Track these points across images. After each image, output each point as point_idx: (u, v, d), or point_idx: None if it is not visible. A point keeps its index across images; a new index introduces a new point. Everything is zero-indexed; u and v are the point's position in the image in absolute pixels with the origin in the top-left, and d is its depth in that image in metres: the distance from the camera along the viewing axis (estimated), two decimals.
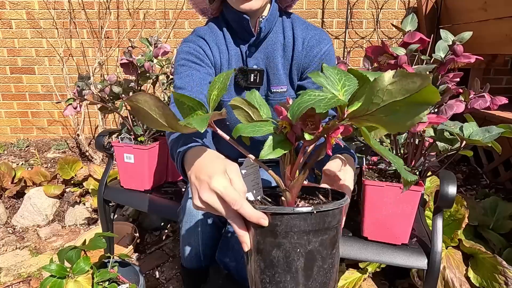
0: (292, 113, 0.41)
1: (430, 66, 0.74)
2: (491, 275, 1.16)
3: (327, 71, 0.46)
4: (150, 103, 0.47)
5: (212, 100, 0.57)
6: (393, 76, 0.35)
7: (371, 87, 0.37)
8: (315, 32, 1.00)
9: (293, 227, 0.50)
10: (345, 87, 0.44)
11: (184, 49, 0.99)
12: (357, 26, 2.66)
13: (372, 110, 0.39)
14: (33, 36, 2.72)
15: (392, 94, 0.36)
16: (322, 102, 0.40)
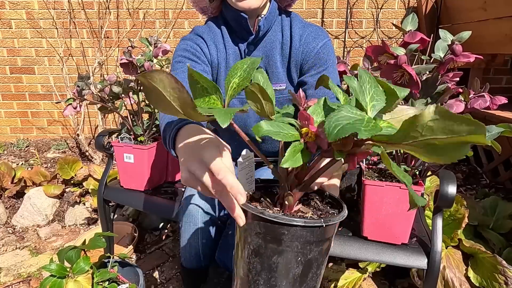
0: (329, 132, 0.38)
1: (430, 66, 0.74)
2: (491, 274, 1.16)
3: (362, 74, 0.45)
4: (166, 83, 0.42)
5: (232, 88, 0.53)
6: (434, 113, 0.33)
7: (410, 121, 0.36)
8: (312, 29, 1.01)
9: (299, 238, 0.50)
10: (373, 101, 0.43)
11: (181, 46, 1.00)
12: (357, 25, 2.66)
13: (407, 142, 0.37)
14: (33, 36, 2.72)
15: (433, 131, 0.34)
16: (362, 126, 0.37)
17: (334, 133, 0.37)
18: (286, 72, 1.03)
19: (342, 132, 0.37)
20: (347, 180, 1.17)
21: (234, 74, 0.54)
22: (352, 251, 0.94)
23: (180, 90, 0.42)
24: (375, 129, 0.36)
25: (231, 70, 0.54)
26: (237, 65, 0.55)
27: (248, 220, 0.52)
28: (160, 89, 0.43)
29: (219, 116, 0.42)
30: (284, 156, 0.46)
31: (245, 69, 0.54)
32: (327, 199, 0.62)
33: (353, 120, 0.38)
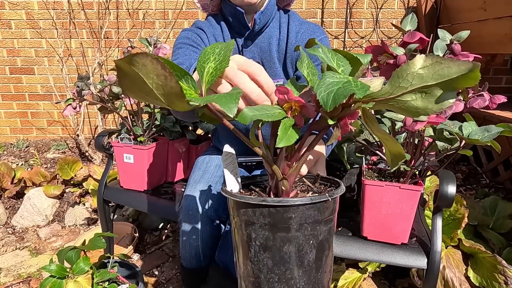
0: (324, 101, 0.37)
1: None
2: (491, 274, 1.16)
3: (320, 46, 0.45)
4: (149, 69, 0.35)
5: (208, 74, 0.48)
6: (425, 59, 0.34)
7: (400, 70, 0.36)
8: (308, 26, 1.04)
9: (307, 218, 0.48)
10: (340, 67, 0.43)
11: (182, 35, 1.03)
12: (356, 26, 2.66)
13: (396, 94, 0.37)
14: (33, 37, 2.72)
15: (423, 79, 0.34)
16: (353, 86, 0.37)
17: (330, 101, 0.36)
18: (282, 68, 1.05)
19: (338, 97, 0.36)
20: (347, 180, 1.17)
21: (207, 59, 0.49)
22: (352, 251, 0.94)
23: (166, 77, 0.36)
24: (365, 86, 0.37)
25: (201, 56, 0.49)
26: (207, 50, 0.50)
27: (249, 213, 0.49)
28: (141, 75, 0.36)
29: (223, 102, 0.38)
30: (278, 136, 0.44)
31: (218, 52, 0.49)
32: (318, 179, 0.61)
33: (342, 84, 0.38)
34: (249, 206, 0.49)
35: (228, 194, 0.52)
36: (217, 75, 0.47)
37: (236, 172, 0.58)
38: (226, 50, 0.49)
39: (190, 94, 0.44)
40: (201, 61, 0.49)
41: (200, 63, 0.49)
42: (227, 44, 0.50)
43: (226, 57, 0.48)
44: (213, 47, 0.50)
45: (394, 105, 0.39)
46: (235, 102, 0.38)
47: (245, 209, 0.50)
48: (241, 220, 0.51)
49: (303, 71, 0.50)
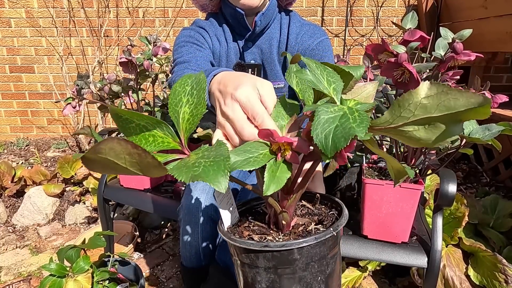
0: (324, 146, 0.33)
1: (431, 64, 0.74)
2: (491, 273, 1.16)
3: (308, 63, 0.42)
4: (118, 150, 0.32)
5: (184, 121, 0.43)
6: (430, 88, 0.31)
7: (402, 99, 0.33)
8: (309, 27, 1.02)
9: (313, 257, 0.45)
10: (331, 84, 0.40)
11: (184, 33, 1.01)
12: (357, 24, 2.66)
13: (397, 124, 0.34)
14: (33, 35, 2.72)
15: (427, 109, 0.31)
16: (352, 122, 0.33)
17: (330, 145, 0.33)
18: (282, 69, 1.04)
19: (338, 140, 0.33)
20: (347, 179, 1.17)
21: (178, 101, 0.44)
22: (352, 250, 0.94)
23: (140, 154, 0.33)
24: (364, 118, 0.34)
25: (170, 96, 0.45)
26: (176, 88, 0.45)
27: (252, 257, 0.46)
28: (111, 158, 0.33)
29: (212, 178, 0.33)
30: (264, 181, 0.40)
31: (190, 92, 0.44)
32: (318, 200, 0.58)
33: (338, 121, 0.34)
34: (251, 251, 0.46)
35: (227, 237, 0.48)
36: (195, 122, 0.43)
37: (232, 203, 0.55)
38: (199, 89, 0.44)
39: (168, 143, 0.42)
40: (173, 103, 0.44)
41: (172, 106, 0.44)
42: (198, 79, 0.45)
43: (201, 99, 0.43)
44: (182, 83, 0.46)
45: (393, 134, 0.37)
46: (224, 174, 0.33)
47: (246, 254, 0.47)
48: (243, 263, 0.48)
49: (292, 82, 0.47)
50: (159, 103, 1.33)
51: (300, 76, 0.41)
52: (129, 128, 0.41)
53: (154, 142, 0.42)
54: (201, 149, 0.40)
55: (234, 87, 0.48)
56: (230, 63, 1.03)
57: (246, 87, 0.47)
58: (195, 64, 0.91)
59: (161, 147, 0.42)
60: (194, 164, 0.35)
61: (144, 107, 1.31)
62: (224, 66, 1.03)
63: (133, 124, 0.41)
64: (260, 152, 0.42)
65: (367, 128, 0.33)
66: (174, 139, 0.43)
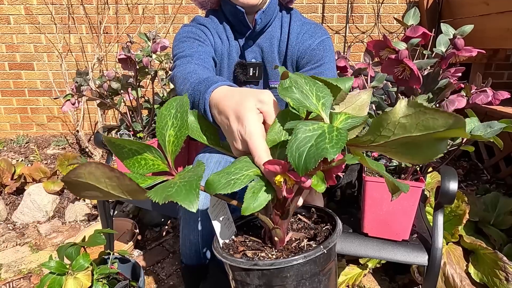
0: (296, 165, 0.34)
1: (432, 61, 0.73)
2: (492, 270, 1.15)
3: (295, 79, 0.41)
4: (98, 174, 0.33)
5: (170, 143, 0.44)
6: (407, 107, 0.30)
7: (379, 119, 0.33)
8: (310, 26, 1.00)
9: (304, 274, 0.44)
10: (321, 100, 0.40)
11: (185, 29, 0.99)
12: (357, 20, 2.64)
13: (379, 142, 0.34)
14: (32, 32, 2.70)
15: (406, 128, 0.31)
16: (327, 143, 0.33)
17: (302, 166, 0.33)
18: None
19: (309, 162, 0.33)
20: (348, 176, 1.17)
21: (164, 124, 0.45)
22: (353, 247, 0.94)
23: (119, 177, 0.34)
24: (341, 139, 0.33)
25: (157, 119, 0.46)
26: (162, 112, 0.47)
27: (243, 275, 0.46)
28: (91, 183, 0.34)
29: (182, 198, 0.33)
30: (244, 202, 0.40)
31: (174, 115, 0.46)
32: (314, 213, 0.56)
33: (315, 140, 0.34)
34: (241, 269, 0.46)
35: (219, 254, 0.47)
36: (179, 144, 0.44)
37: (228, 217, 0.54)
38: (183, 112, 0.45)
39: (158, 165, 0.44)
40: (159, 126, 0.46)
41: (159, 130, 0.46)
42: (181, 102, 0.46)
43: (184, 121, 0.44)
44: (168, 107, 0.47)
45: (379, 150, 0.37)
46: (195, 193, 0.34)
47: (238, 271, 0.47)
48: (236, 280, 0.48)
49: (285, 96, 0.46)
50: (158, 100, 1.32)
51: (287, 95, 0.40)
52: (122, 153, 0.43)
53: (146, 165, 0.44)
54: (185, 170, 0.40)
55: (234, 118, 0.48)
56: (231, 61, 1.02)
57: (247, 118, 0.46)
58: (198, 58, 0.89)
59: (152, 170, 0.44)
60: (170, 185, 0.36)
61: (143, 104, 1.31)
62: (225, 65, 1.02)
63: (126, 149, 0.43)
64: (243, 173, 0.42)
65: (339, 149, 0.32)
66: (162, 161, 0.45)
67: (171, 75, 0.91)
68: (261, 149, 0.44)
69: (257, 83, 1.03)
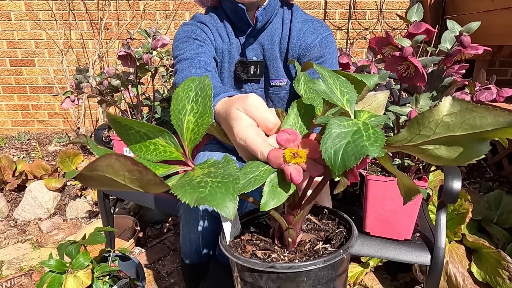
0: (332, 163, 0.31)
1: (436, 58, 0.72)
2: (495, 270, 1.14)
3: (321, 72, 0.39)
4: (117, 167, 0.30)
5: (188, 130, 0.40)
6: (452, 104, 0.29)
7: (421, 117, 0.31)
8: (311, 23, 0.98)
9: (321, 279, 0.42)
10: (345, 95, 0.38)
11: (184, 29, 0.97)
12: (360, 16, 2.62)
13: (415, 142, 0.32)
14: (33, 28, 2.69)
15: (449, 127, 0.29)
16: (365, 140, 0.31)
17: (339, 162, 0.31)
18: (284, 67, 1.01)
19: (348, 159, 0.30)
20: None
21: (181, 108, 0.40)
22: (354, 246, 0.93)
23: (141, 171, 0.30)
24: (379, 137, 0.31)
25: (173, 101, 0.41)
26: (178, 94, 0.42)
27: (255, 277, 0.43)
28: (108, 176, 0.31)
29: (218, 202, 0.30)
30: (263, 197, 0.37)
31: (194, 98, 0.41)
32: (325, 215, 0.54)
33: (351, 137, 0.32)
34: (255, 271, 0.43)
35: (229, 253, 0.45)
36: (200, 133, 0.39)
37: (236, 215, 0.51)
38: (205, 97, 0.40)
39: (170, 153, 0.39)
40: (175, 110, 0.41)
41: (175, 114, 0.41)
42: (202, 84, 0.41)
43: (207, 108, 0.39)
44: (185, 88, 0.42)
45: (411, 151, 0.34)
46: (233, 198, 0.30)
47: (250, 273, 0.44)
48: (245, 281, 0.46)
49: (299, 90, 0.45)
50: (159, 98, 1.32)
51: (312, 87, 0.38)
52: (128, 135, 0.38)
53: (155, 151, 0.39)
54: (206, 163, 0.36)
55: (228, 131, 0.47)
56: (232, 59, 1.01)
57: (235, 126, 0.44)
58: (199, 61, 0.88)
59: (163, 157, 0.39)
60: (200, 184, 0.31)
61: (144, 101, 1.30)
62: (226, 64, 1.00)
63: (133, 131, 0.38)
64: (261, 169, 0.39)
65: (381, 146, 0.30)
66: (177, 149, 0.40)
67: (173, 82, 0.90)
68: (258, 144, 0.41)
69: (258, 81, 1.02)
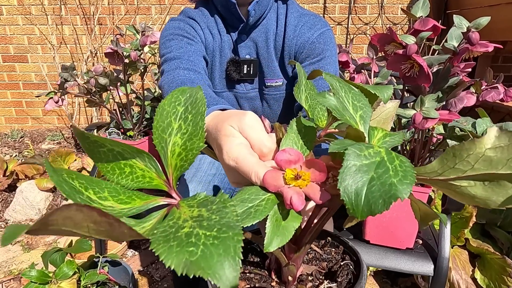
0: (356, 207, 0.25)
1: (443, 57, 0.66)
2: (500, 277, 1.10)
3: (331, 83, 0.33)
4: (78, 219, 0.22)
5: (174, 155, 0.33)
6: (498, 137, 0.24)
7: (459, 148, 0.26)
8: (308, 18, 0.92)
9: None
10: (358, 111, 0.32)
11: (172, 25, 0.91)
12: (360, 11, 2.55)
13: (447, 177, 0.27)
14: (25, 23, 2.63)
15: (492, 164, 0.25)
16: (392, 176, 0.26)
17: (363, 208, 0.25)
18: (279, 66, 0.95)
19: (375, 203, 0.25)
20: None
21: (167, 126, 0.33)
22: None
23: (111, 223, 0.23)
24: (407, 170, 0.26)
25: (156, 117, 0.34)
26: (163, 107, 0.34)
27: None
28: (67, 229, 0.23)
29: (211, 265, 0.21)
30: (266, 234, 0.31)
31: (183, 115, 0.33)
32: (328, 243, 0.48)
33: (374, 171, 0.26)
34: None
35: None
36: (189, 159, 0.32)
37: None
38: (196, 114, 0.33)
39: (150, 179, 0.32)
40: (159, 127, 0.33)
41: (158, 132, 0.33)
42: (194, 98, 0.34)
43: (199, 128, 0.32)
44: (172, 101, 0.34)
45: (440, 186, 0.29)
46: (234, 263, 0.21)
47: None
48: None
49: (300, 97, 0.38)
50: (150, 96, 1.26)
51: (322, 102, 0.32)
52: (99, 153, 0.31)
53: (131, 175, 0.32)
54: (196, 198, 0.28)
55: (216, 149, 0.41)
56: (224, 58, 0.95)
57: (225, 144, 0.39)
58: (187, 61, 0.82)
59: (141, 184, 0.32)
60: (190, 238, 0.23)
61: (134, 100, 1.24)
62: (217, 63, 0.94)
63: (105, 149, 0.31)
64: (262, 197, 0.32)
65: (412, 184, 0.25)
66: (159, 175, 0.33)
67: (159, 83, 0.84)
68: (252, 164, 0.35)
69: (252, 81, 0.96)
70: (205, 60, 0.90)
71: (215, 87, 0.98)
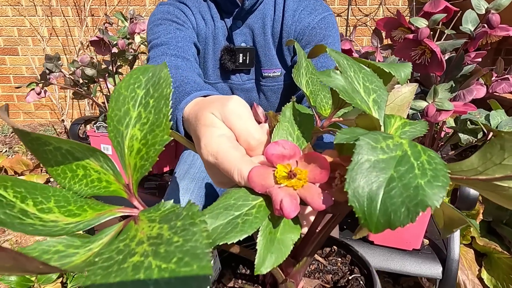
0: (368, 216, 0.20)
1: (459, 41, 0.60)
2: (507, 277, 1.05)
3: (338, 60, 0.27)
4: None
5: (133, 152, 0.26)
6: None
7: (509, 138, 0.20)
8: (308, 2, 0.85)
9: None
10: (371, 95, 0.26)
11: (161, 9, 0.84)
12: (360, 2, 2.48)
13: (489, 176, 0.21)
14: (15, 15, 2.54)
15: None
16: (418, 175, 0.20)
17: (379, 219, 0.20)
18: (277, 54, 0.88)
19: (396, 213, 0.19)
20: None
21: (124, 115, 0.26)
22: None
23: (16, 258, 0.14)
24: (438, 168, 0.20)
25: (111, 104, 0.27)
26: (120, 91, 0.27)
27: None
28: None
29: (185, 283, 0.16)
30: (257, 252, 0.25)
31: (143, 100, 0.26)
32: (331, 250, 0.42)
33: (394, 169, 0.20)
34: None
35: None
36: (150, 157, 0.25)
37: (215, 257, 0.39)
38: (160, 97, 0.26)
39: (108, 184, 0.26)
40: (114, 117, 0.26)
41: (114, 124, 0.26)
42: (157, 77, 0.27)
43: (162, 116, 0.25)
44: (131, 82, 0.27)
45: (480, 187, 0.23)
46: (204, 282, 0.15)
47: None
48: None
49: (300, 82, 0.33)
50: None
51: (326, 82, 0.25)
52: (44, 152, 0.25)
53: (85, 179, 0.26)
54: (160, 210, 0.22)
55: (195, 141, 0.35)
56: (218, 46, 0.88)
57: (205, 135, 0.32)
58: (175, 47, 0.76)
59: (96, 190, 0.26)
60: (137, 272, 0.16)
61: None
62: (211, 51, 0.88)
63: (50, 147, 0.25)
64: (252, 204, 0.26)
65: (445, 189, 0.19)
66: (117, 178, 0.26)
67: None
68: (235, 160, 0.29)
69: (248, 72, 0.90)
70: (196, 48, 0.84)
71: (208, 78, 0.92)
